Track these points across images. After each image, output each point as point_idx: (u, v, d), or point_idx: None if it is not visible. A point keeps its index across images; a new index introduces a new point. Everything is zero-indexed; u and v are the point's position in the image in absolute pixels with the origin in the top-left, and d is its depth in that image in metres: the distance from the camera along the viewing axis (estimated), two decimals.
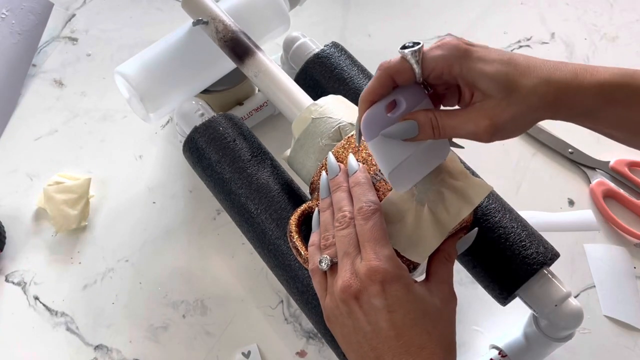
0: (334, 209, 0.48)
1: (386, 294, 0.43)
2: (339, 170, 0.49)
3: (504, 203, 0.56)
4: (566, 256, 0.71)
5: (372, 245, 0.44)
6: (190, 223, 0.74)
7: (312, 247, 0.49)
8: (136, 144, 0.81)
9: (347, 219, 0.46)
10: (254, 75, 0.59)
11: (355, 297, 0.43)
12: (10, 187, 0.78)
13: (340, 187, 0.48)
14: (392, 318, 0.42)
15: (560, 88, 0.41)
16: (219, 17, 0.62)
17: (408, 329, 0.42)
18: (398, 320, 0.43)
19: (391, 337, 0.42)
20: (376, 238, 0.44)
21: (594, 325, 0.68)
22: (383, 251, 0.44)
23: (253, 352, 0.66)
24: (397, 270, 0.43)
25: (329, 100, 0.54)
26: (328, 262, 0.46)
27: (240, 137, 0.61)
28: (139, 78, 0.64)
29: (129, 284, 0.71)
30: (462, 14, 0.92)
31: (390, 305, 0.43)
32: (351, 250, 0.45)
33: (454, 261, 0.48)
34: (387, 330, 0.42)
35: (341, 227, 0.46)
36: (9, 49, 0.85)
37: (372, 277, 0.43)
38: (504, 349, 0.61)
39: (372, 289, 0.43)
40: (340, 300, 0.44)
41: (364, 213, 0.45)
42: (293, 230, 0.50)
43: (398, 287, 0.43)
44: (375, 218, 0.45)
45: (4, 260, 0.72)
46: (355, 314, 0.44)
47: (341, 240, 0.46)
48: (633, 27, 0.90)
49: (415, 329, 0.42)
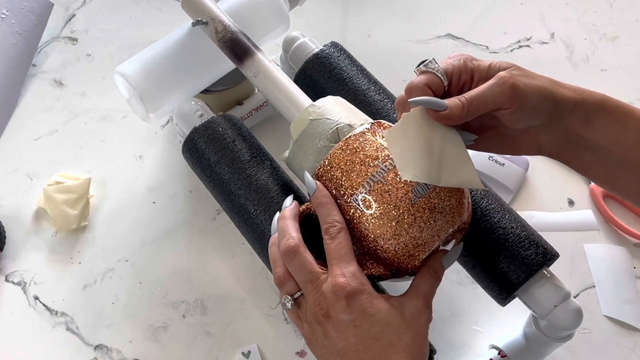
0: (278, 240, 0.49)
1: (351, 308, 0.44)
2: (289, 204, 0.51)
3: (503, 203, 0.56)
4: (566, 256, 0.71)
5: (337, 263, 0.46)
6: (190, 223, 0.74)
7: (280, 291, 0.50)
8: (136, 144, 0.81)
9: (292, 247, 0.47)
10: (253, 75, 0.59)
11: (326, 315, 0.45)
12: (10, 187, 0.78)
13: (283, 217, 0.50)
14: (358, 332, 0.44)
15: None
16: (218, 18, 0.62)
17: (373, 342, 0.44)
18: (364, 333, 0.44)
19: (360, 351, 0.44)
20: (341, 255, 0.46)
21: (594, 325, 0.68)
22: (348, 268, 0.45)
23: (253, 352, 0.66)
24: (360, 286, 0.45)
25: (327, 102, 0.54)
26: (291, 301, 0.48)
27: (239, 137, 0.61)
28: (139, 78, 0.64)
29: (129, 284, 0.71)
30: (462, 14, 0.92)
31: (355, 319, 0.44)
32: (310, 277, 0.46)
33: (440, 278, 0.49)
34: (356, 344, 0.44)
35: (290, 259, 0.47)
36: (9, 49, 0.85)
37: (337, 293, 0.44)
38: (503, 349, 0.61)
39: (338, 305, 0.44)
40: (316, 323, 0.46)
41: (331, 233, 0.47)
42: None
43: (361, 301, 0.44)
44: (341, 237, 0.47)
45: (4, 260, 0.72)
46: (329, 332, 0.45)
47: (296, 272, 0.47)
48: (633, 27, 0.90)
49: (380, 341, 0.44)
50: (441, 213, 0.47)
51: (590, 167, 0.48)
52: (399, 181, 0.47)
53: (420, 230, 0.47)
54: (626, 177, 0.47)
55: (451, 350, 0.66)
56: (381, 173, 0.48)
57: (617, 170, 0.47)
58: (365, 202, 0.47)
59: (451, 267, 0.55)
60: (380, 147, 0.49)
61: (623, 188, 0.49)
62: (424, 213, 0.47)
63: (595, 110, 0.47)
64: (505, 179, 0.75)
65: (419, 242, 0.47)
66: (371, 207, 0.47)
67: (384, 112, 0.62)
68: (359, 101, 0.63)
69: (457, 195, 0.48)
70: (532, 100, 0.46)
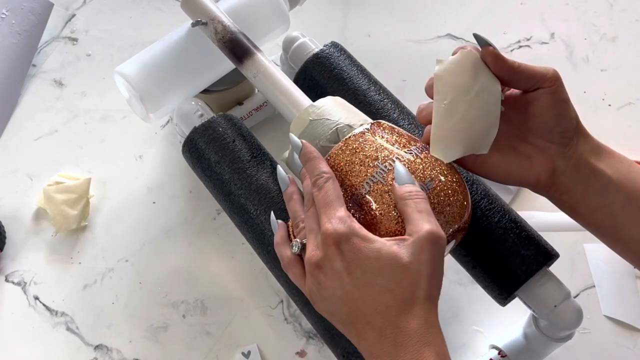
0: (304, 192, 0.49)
1: (343, 255, 0.43)
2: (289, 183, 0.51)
3: (503, 203, 0.56)
4: (566, 256, 0.71)
5: (325, 211, 0.45)
6: (190, 223, 0.74)
7: (277, 246, 0.49)
8: (136, 144, 0.81)
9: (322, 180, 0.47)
10: (253, 76, 0.59)
11: (318, 266, 0.44)
12: (10, 187, 0.78)
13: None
14: (353, 279, 0.42)
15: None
16: (217, 18, 0.62)
17: (369, 289, 0.42)
18: (358, 280, 0.42)
19: (357, 299, 0.42)
20: (328, 203, 0.45)
21: (594, 325, 0.68)
22: (335, 213, 0.44)
23: (253, 352, 0.66)
24: (348, 229, 0.43)
25: (327, 102, 0.54)
26: (299, 245, 0.47)
27: (239, 137, 0.61)
28: (139, 78, 0.64)
29: (129, 284, 0.71)
30: (462, 14, 0.92)
31: (348, 266, 0.43)
32: (314, 226, 0.46)
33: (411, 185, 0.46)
34: (352, 292, 0.42)
35: (308, 208, 0.47)
36: (9, 49, 0.86)
37: (327, 242, 0.43)
38: (503, 349, 0.61)
39: (330, 253, 0.43)
40: (310, 275, 0.45)
41: (318, 184, 0.47)
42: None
43: (351, 246, 0.43)
44: (328, 185, 0.46)
45: (4, 260, 0.72)
46: (324, 283, 0.44)
47: (307, 219, 0.47)
48: (633, 27, 0.90)
49: (375, 287, 0.42)
50: (441, 213, 0.47)
51: (596, 210, 0.48)
52: None
53: None
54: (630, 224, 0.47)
55: (451, 351, 0.66)
56: (381, 174, 0.48)
57: (623, 215, 0.47)
58: (365, 202, 0.47)
59: (451, 267, 0.56)
60: (380, 147, 0.49)
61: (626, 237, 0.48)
62: None
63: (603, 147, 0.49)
64: None
65: None
66: (371, 207, 0.47)
67: (384, 112, 0.62)
68: (359, 101, 0.63)
69: (456, 195, 0.48)
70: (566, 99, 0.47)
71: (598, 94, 0.83)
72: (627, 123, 0.81)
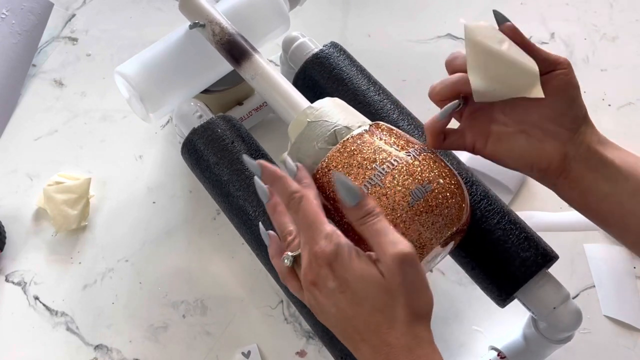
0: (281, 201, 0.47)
1: (335, 274, 0.43)
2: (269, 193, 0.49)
3: (502, 204, 0.56)
4: (566, 256, 0.71)
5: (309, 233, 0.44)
6: (190, 223, 0.75)
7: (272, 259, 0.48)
8: (136, 144, 0.81)
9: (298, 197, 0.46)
10: (251, 77, 0.59)
11: (313, 283, 0.44)
12: (10, 187, 0.78)
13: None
14: (346, 298, 0.43)
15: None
16: (215, 20, 0.62)
17: (360, 308, 0.42)
18: (350, 299, 0.43)
19: (350, 318, 0.43)
20: (309, 225, 0.44)
21: (594, 325, 0.68)
22: (320, 233, 0.44)
23: (253, 352, 0.66)
24: (335, 247, 0.43)
25: (325, 103, 0.54)
26: (290, 259, 0.46)
27: (238, 138, 0.61)
28: (139, 78, 0.64)
29: (129, 284, 0.71)
30: (462, 14, 0.92)
31: (340, 285, 0.43)
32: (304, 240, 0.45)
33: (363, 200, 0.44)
34: (346, 310, 0.43)
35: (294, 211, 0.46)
36: (9, 49, 0.86)
37: (318, 262, 0.43)
38: (503, 350, 0.61)
39: (322, 273, 0.43)
40: (307, 291, 0.45)
41: (292, 207, 0.45)
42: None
43: (340, 264, 0.43)
44: (303, 205, 0.45)
45: (4, 260, 0.73)
46: (319, 300, 0.44)
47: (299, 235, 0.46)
48: (633, 27, 0.90)
49: (364, 307, 0.42)
50: (439, 216, 0.47)
51: (605, 199, 0.48)
52: (397, 184, 0.47)
53: (418, 233, 0.47)
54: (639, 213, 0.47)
55: (450, 351, 0.66)
56: (379, 176, 0.47)
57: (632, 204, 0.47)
58: None
59: (451, 267, 0.56)
60: (377, 149, 0.49)
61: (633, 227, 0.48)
62: (422, 216, 0.47)
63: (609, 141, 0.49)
64: (505, 179, 0.75)
65: (417, 245, 0.47)
66: None
67: (384, 113, 0.62)
68: (358, 101, 0.63)
69: (455, 198, 0.48)
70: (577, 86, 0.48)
71: (598, 94, 0.83)
72: (627, 123, 0.81)
